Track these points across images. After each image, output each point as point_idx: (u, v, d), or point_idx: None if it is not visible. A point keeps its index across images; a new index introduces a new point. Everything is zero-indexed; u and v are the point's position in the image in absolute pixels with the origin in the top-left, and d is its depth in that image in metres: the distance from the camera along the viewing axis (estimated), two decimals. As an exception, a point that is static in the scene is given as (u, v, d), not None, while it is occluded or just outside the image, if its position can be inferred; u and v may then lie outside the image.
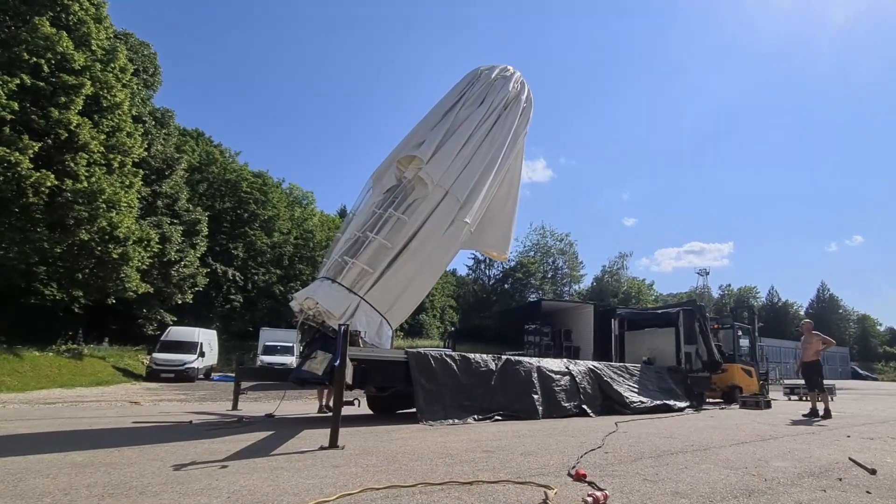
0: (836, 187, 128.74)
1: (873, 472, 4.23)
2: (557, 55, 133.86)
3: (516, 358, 9.25)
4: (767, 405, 12.43)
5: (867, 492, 3.61)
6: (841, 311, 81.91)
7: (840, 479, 4.00)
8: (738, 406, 12.61)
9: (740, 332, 15.32)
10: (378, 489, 3.42)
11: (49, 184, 16.02)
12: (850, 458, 4.87)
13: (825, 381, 10.81)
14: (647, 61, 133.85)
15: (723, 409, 12.08)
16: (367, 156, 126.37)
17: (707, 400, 12.95)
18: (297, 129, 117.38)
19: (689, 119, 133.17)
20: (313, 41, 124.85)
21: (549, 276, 65.39)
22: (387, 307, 7.98)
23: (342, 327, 5.74)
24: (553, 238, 66.53)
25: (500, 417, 7.95)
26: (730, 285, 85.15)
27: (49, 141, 17.05)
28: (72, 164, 17.26)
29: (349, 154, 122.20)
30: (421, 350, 8.59)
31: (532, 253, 64.83)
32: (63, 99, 17.14)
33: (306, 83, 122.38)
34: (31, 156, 15.68)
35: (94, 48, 19.11)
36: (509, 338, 15.10)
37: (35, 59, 16.54)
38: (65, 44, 17.19)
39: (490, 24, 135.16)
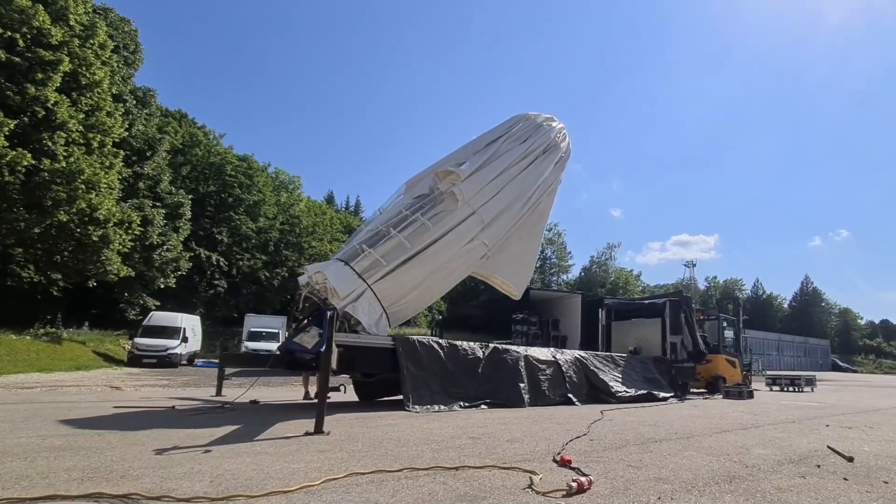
0: (822, 183, 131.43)
1: (851, 459, 4.34)
2: (550, 54, 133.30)
3: (504, 346, 9.28)
4: (750, 395, 12.71)
5: (844, 478, 3.69)
6: (823, 304, 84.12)
7: (818, 466, 4.09)
8: (721, 396, 12.87)
9: (725, 324, 15.62)
10: (363, 473, 3.40)
11: (26, 163, 15.49)
12: (828, 447, 4.99)
13: (804, 373, 11.07)
14: (638, 60, 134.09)
15: (706, 398, 12.33)
16: (355, 141, 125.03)
17: (691, 390, 13.19)
18: (283, 112, 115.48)
19: (680, 117, 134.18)
20: (300, 22, 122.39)
21: (538, 265, 65.74)
22: (390, 303, 8.10)
23: (329, 312, 5.68)
24: (541, 228, 66.66)
25: (485, 406, 7.99)
26: (716, 277, 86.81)
27: (25, 119, 16.45)
28: (49, 143, 16.70)
29: (336, 139, 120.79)
30: (409, 336, 8.59)
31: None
32: (40, 75, 16.53)
33: (294, 66, 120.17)
34: (7, 133, 15.13)
35: (72, 23, 18.39)
36: (497, 327, 15.18)
37: (10, 34, 15.88)
38: (41, 18, 16.53)
39: (483, 22, 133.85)
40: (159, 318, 23.19)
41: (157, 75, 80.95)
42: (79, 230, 18.38)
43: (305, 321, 7.96)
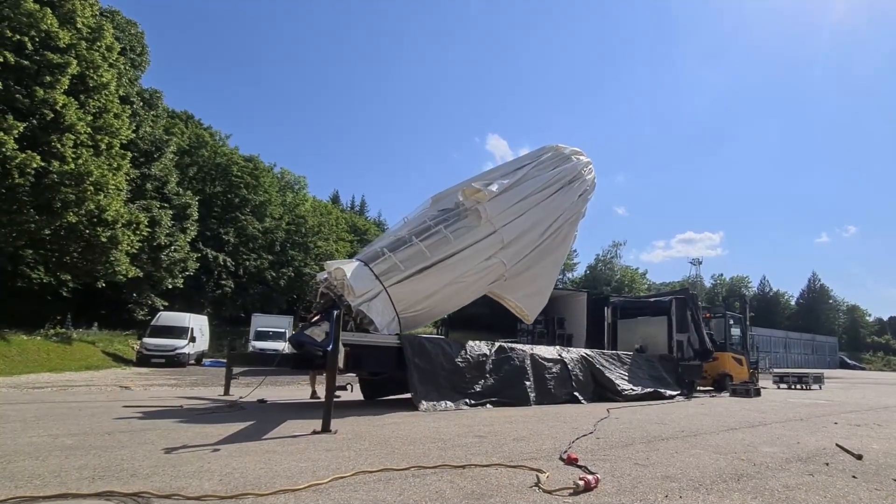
0: (830, 179, 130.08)
1: (860, 457, 4.30)
2: (549, 46, 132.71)
3: (509, 345, 9.27)
4: (757, 393, 12.62)
5: (853, 476, 3.67)
6: (831, 301, 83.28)
7: (827, 464, 4.07)
8: (728, 394, 12.79)
9: (732, 321, 15.50)
10: (371, 472, 3.42)
11: (35, 165, 15.65)
12: (837, 444, 4.95)
13: (812, 370, 11.00)
14: (642, 53, 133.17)
15: (713, 396, 12.26)
16: (361, 140, 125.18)
17: (698, 388, 13.11)
18: (288, 112, 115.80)
19: (683, 111, 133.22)
20: (305, 23, 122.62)
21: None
22: (403, 307, 8.24)
23: (336, 312, 5.71)
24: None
25: (491, 406, 7.99)
26: (722, 275, 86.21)
27: (34, 121, 16.62)
28: (58, 146, 16.86)
29: (342, 139, 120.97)
30: (415, 334, 8.62)
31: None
32: (48, 78, 16.68)
33: (298, 66, 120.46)
34: (16, 136, 15.29)
35: (79, 26, 18.54)
36: (503, 325, 15.14)
37: (18, 37, 16.02)
38: (49, 21, 16.66)
39: (485, 12, 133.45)
40: (167, 318, 23.39)
41: (164, 77, 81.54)
42: (87, 231, 18.55)
43: (318, 316, 8.06)
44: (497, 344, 9.04)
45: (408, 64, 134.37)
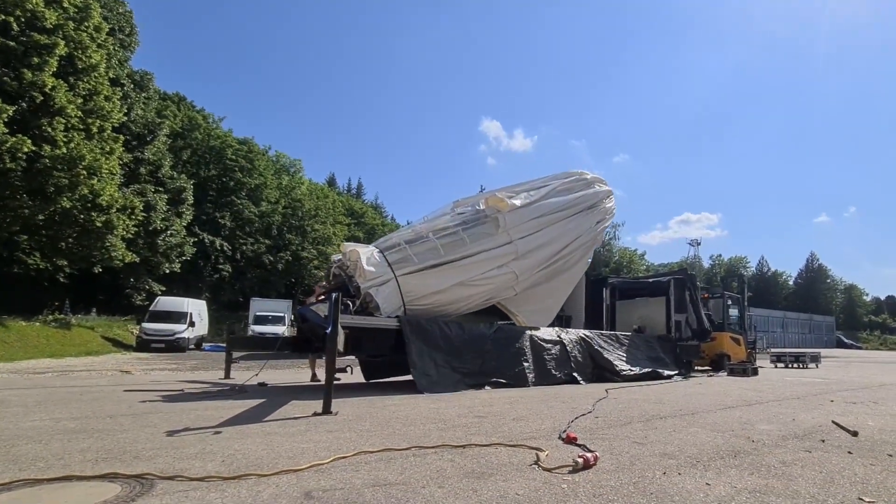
0: (830, 161, 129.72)
1: (855, 434, 4.36)
2: (552, 29, 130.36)
3: (509, 325, 9.31)
4: (755, 372, 12.74)
5: (849, 452, 3.72)
6: (829, 280, 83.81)
7: (823, 441, 4.12)
8: (725, 373, 12.92)
9: (730, 302, 15.56)
10: (372, 452, 3.45)
11: (26, 149, 15.41)
12: (833, 421, 5.02)
13: (809, 350, 11.13)
14: (644, 39, 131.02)
15: (710, 376, 12.39)
16: (356, 123, 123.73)
17: (695, 367, 13.24)
18: (282, 94, 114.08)
19: (683, 95, 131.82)
20: (298, 4, 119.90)
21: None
22: (411, 299, 8.40)
23: (333, 295, 5.71)
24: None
25: (489, 387, 8.06)
26: (720, 255, 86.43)
27: (23, 104, 16.30)
28: (49, 129, 16.57)
29: (337, 121, 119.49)
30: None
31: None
32: (36, 60, 16.30)
33: (291, 47, 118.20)
34: (6, 120, 15.02)
35: (66, 5, 18.05)
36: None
37: (3, 17, 15.63)
38: (34, 0, 16.24)
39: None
40: (166, 303, 23.39)
41: (154, 58, 79.92)
42: (82, 216, 18.39)
43: (324, 295, 8.27)
44: (496, 325, 9.07)
45: (404, 45, 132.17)
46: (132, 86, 26.34)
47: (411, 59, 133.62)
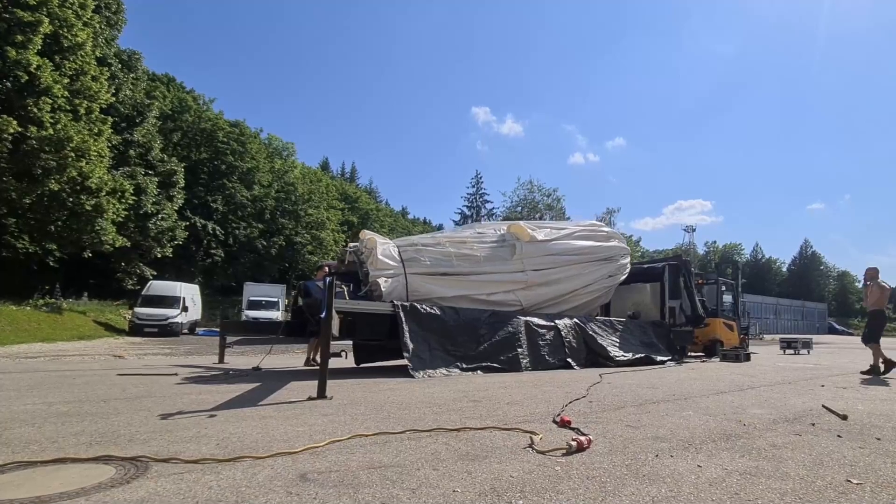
0: (825, 148, 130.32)
1: (845, 417, 4.43)
2: (550, 11, 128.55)
3: (503, 311, 9.34)
4: (747, 358, 12.88)
5: (838, 436, 3.78)
6: (822, 267, 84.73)
7: (813, 425, 4.18)
8: (718, 359, 13.07)
9: (724, 288, 15.65)
10: (367, 435, 3.46)
11: (12, 130, 15.10)
12: (823, 406, 5.09)
13: (801, 336, 11.25)
14: (633, 23, 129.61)
15: (704, 361, 12.51)
16: (350, 106, 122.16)
17: (689, 353, 13.37)
18: (274, 76, 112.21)
19: (678, 83, 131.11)
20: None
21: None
22: (414, 298, 8.51)
23: (328, 279, 5.69)
24: (540, 193, 66.36)
25: (482, 371, 8.10)
26: (715, 242, 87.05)
27: (8, 84, 15.92)
28: (35, 110, 16.22)
29: (330, 104, 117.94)
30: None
31: (519, 209, 64.85)
32: (19, 37, 15.88)
33: (283, 27, 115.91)
34: (-10, 99, 14.70)
35: (49, -20, 17.55)
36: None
37: (-15, -8, 15.19)
38: (17, -26, 15.78)
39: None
40: (158, 287, 23.22)
41: (142, 38, 78.15)
42: (71, 199, 18.14)
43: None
44: (491, 309, 9.09)
45: (397, 29, 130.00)
46: (120, 66, 25.79)
47: (404, 42, 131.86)
